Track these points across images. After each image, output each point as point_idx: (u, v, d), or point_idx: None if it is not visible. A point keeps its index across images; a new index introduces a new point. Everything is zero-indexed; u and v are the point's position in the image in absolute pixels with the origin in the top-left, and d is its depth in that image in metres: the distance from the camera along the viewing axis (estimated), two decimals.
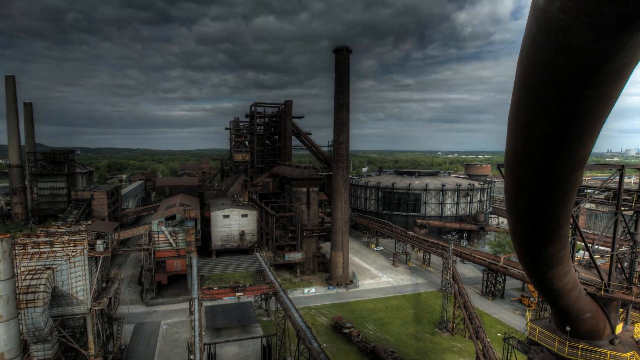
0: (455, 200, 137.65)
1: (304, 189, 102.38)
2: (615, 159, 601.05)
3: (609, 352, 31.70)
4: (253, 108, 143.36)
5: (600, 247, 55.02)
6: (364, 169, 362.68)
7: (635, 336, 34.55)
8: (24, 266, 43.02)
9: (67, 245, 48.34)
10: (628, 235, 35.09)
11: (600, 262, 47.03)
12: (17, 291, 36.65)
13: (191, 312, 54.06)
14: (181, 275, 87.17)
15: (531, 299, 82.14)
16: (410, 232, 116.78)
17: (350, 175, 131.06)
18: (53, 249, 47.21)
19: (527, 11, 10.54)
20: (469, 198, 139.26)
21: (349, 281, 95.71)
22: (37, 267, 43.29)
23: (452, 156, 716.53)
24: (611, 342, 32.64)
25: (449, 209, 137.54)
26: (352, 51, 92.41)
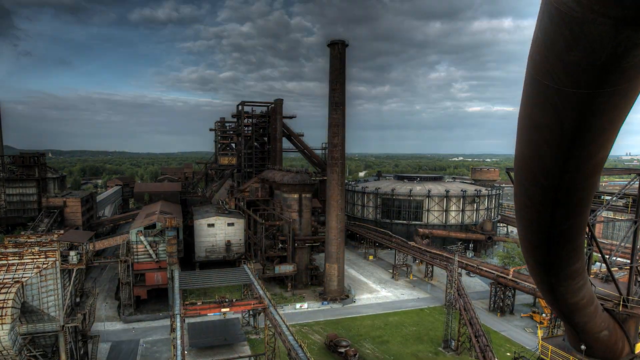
0: (461, 207, 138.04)
1: (296, 196, 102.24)
2: (635, 162, 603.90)
3: None
4: (240, 107, 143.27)
5: (619, 259, 55.29)
6: (361, 174, 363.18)
7: None
8: None
9: (37, 256, 47.88)
10: None
11: (619, 275, 47.25)
12: None
13: (173, 330, 53.70)
14: (162, 289, 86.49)
15: (543, 315, 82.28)
16: (412, 243, 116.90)
17: (346, 181, 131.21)
18: (22, 261, 46.76)
19: None
20: (475, 205, 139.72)
21: (344, 296, 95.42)
22: (4, 281, 42.80)
23: (457, 159, 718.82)
24: None
25: (453, 217, 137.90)
26: (348, 45, 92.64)
